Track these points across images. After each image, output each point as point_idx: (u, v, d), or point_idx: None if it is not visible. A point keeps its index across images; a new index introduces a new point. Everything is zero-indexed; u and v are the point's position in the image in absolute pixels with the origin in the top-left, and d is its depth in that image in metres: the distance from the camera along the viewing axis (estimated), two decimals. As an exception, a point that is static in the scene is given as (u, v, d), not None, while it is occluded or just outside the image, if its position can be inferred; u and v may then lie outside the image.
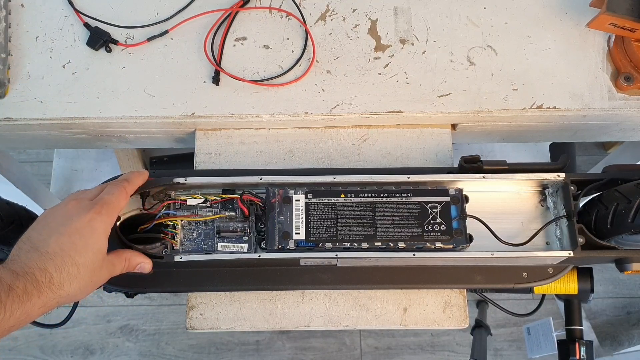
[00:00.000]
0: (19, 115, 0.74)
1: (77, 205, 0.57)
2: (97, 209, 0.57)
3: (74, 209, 0.56)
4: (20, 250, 0.54)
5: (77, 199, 0.58)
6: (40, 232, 0.55)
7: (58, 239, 0.54)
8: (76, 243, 0.54)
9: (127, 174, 0.64)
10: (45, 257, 0.52)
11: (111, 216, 0.58)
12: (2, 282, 0.49)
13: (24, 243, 0.54)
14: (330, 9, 0.80)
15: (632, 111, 0.76)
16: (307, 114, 0.75)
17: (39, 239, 0.54)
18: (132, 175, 0.63)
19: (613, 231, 0.64)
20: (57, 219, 0.56)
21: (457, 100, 0.75)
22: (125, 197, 0.60)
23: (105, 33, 0.77)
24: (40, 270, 0.51)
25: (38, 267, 0.51)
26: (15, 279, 0.50)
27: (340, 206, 0.65)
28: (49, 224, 0.55)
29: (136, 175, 0.64)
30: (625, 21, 0.71)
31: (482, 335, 1.24)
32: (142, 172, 0.65)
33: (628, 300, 1.58)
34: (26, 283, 0.50)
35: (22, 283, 0.50)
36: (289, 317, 0.71)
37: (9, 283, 0.49)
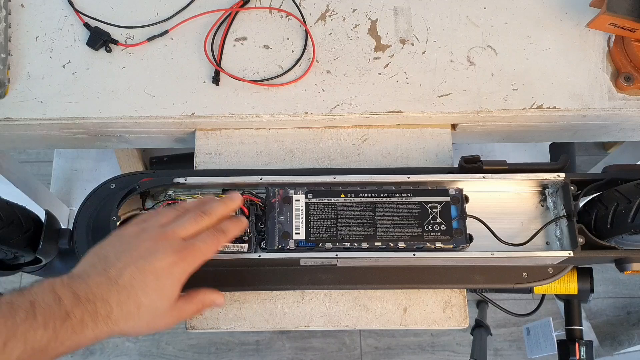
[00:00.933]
0: (19, 115, 0.74)
1: (167, 240, 0.53)
2: (184, 255, 0.53)
3: (162, 244, 0.53)
4: (92, 268, 0.51)
5: (170, 232, 0.54)
6: (119, 256, 0.52)
7: (133, 273, 0.51)
8: (148, 283, 0.51)
9: (228, 223, 0.58)
10: (113, 288, 0.50)
11: (194, 265, 0.54)
12: (61, 304, 0.47)
13: (98, 261, 0.52)
14: (330, 9, 0.80)
15: (632, 111, 0.76)
16: (307, 114, 0.75)
17: (114, 265, 0.51)
18: (232, 227, 0.58)
19: (613, 231, 0.64)
20: (141, 249, 0.52)
21: (457, 100, 0.75)
22: (216, 250, 0.56)
23: (105, 33, 0.77)
24: (103, 301, 0.49)
25: (102, 297, 0.49)
26: (76, 305, 0.47)
27: (340, 206, 0.65)
28: (131, 250, 0.52)
29: (236, 226, 0.58)
30: (625, 21, 0.71)
31: (482, 335, 1.24)
32: (242, 221, 0.60)
33: (628, 300, 1.58)
34: (84, 313, 0.47)
35: (80, 311, 0.47)
36: (289, 317, 0.71)
37: (68, 310, 0.47)
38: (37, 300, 0.46)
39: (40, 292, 0.47)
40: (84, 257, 0.54)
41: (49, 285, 0.48)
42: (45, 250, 0.69)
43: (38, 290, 0.47)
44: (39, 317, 0.45)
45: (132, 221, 0.57)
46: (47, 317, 0.46)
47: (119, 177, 0.72)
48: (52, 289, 0.48)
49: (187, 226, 0.55)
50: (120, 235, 0.55)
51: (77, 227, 0.68)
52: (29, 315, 0.45)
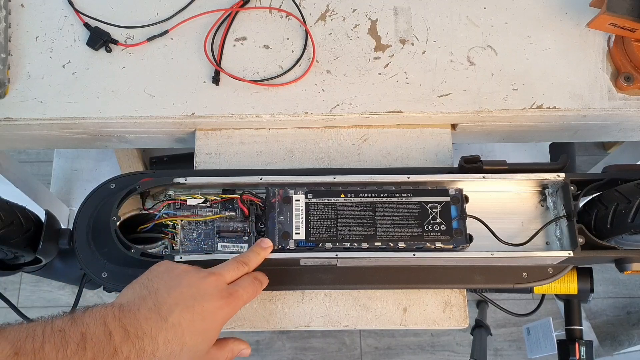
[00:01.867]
0: (19, 115, 0.74)
1: (216, 283, 0.55)
2: (230, 301, 0.55)
3: (211, 287, 0.55)
4: (142, 301, 0.51)
5: (218, 275, 0.56)
6: (170, 292, 0.53)
7: (183, 312, 0.51)
8: (196, 324, 0.52)
9: (261, 274, 0.62)
10: (162, 326, 0.50)
11: (235, 312, 0.56)
12: (111, 339, 0.47)
13: (149, 295, 0.52)
14: (330, 9, 0.80)
15: (632, 111, 0.76)
16: (307, 114, 0.75)
17: (165, 301, 0.52)
18: (265, 280, 0.62)
19: (613, 231, 0.64)
20: (193, 288, 0.53)
21: (457, 100, 0.75)
22: (253, 298, 0.59)
23: (105, 33, 0.77)
24: (151, 339, 0.49)
25: (150, 334, 0.49)
26: (125, 341, 0.47)
27: (340, 206, 0.65)
28: (183, 288, 0.53)
29: (265, 285, 0.62)
30: (625, 21, 0.71)
31: (482, 335, 1.24)
32: (266, 281, 0.63)
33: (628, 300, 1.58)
34: (131, 350, 0.48)
35: (128, 348, 0.47)
36: (289, 317, 0.71)
37: (117, 345, 0.47)
38: (88, 333, 0.47)
39: (92, 324, 0.47)
40: (130, 286, 0.55)
41: (101, 317, 0.48)
42: (45, 250, 0.69)
43: (90, 321, 0.47)
44: (88, 351, 0.46)
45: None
46: (96, 352, 0.46)
47: (119, 177, 0.72)
48: (103, 321, 0.48)
49: (230, 272, 0.58)
50: (170, 268, 0.56)
51: (77, 227, 0.68)
52: (80, 348, 0.45)
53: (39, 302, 1.55)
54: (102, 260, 0.66)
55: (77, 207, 0.81)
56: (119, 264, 0.66)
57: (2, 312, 1.51)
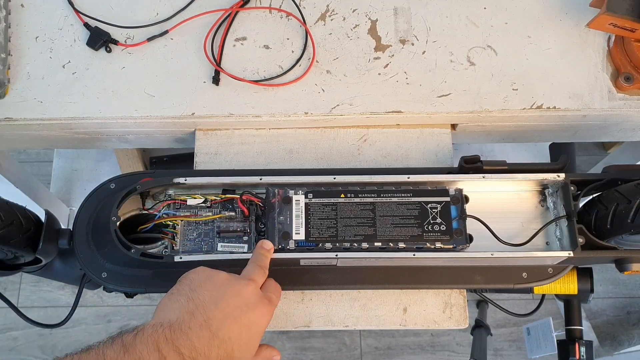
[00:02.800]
0: (19, 115, 0.74)
1: (255, 293, 0.55)
2: (270, 308, 0.55)
3: (252, 296, 0.54)
4: (191, 317, 0.50)
5: (254, 282, 0.56)
6: (217, 305, 0.52)
7: (232, 325, 0.51)
8: (243, 336, 0.52)
9: (276, 287, 0.61)
10: (214, 343, 0.50)
11: (272, 317, 0.56)
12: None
13: (196, 309, 0.51)
14: (330, 9, 0.80)
15: (632, 111, 0.76)
16: (307, 114, 0.75)
17: (215, 316, 0.51)
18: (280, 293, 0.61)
19: (613, 231, 0.64)
20: (238, 298, 0.53)
21: (457, 100, 0.75)
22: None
23: (105, 33, 0.77)
24: (204, 358, 0.48)
25: (204, 353, 0.49)
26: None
27: (340, 206, 0.65)
28: (229, 299, 0.53)
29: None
30: (625, 21, 0.71)
31: (482, 335, 1.24)
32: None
33: (628, 300, 1.58)
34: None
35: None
36: (289, 317, 0.71)
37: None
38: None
39: (145, 351, 0.47)
40: (173, 298, 0.53)
41: (153, 342, 0.47)
42: (45, 250, 0.69)
43: (143, 348, 0.47)
44: None
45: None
46: None
47: (119, 177, 0.72)
48: (156, 347, 0.47)
49: (260, 278, 0.58)
50: (210, 277, 0.55)
51: (77, 227, 0.68)
52: None
53: (39, 302, 1.55)
54: (102, 260, 0.66)
55: (77, 207, 0.81)
56: (118, 264, 0.66)
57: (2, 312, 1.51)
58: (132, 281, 0.67)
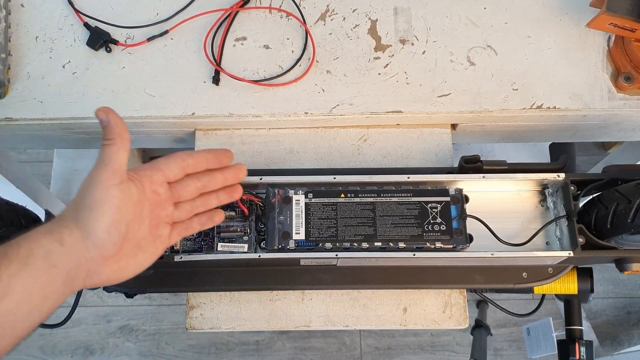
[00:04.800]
0: (19, 115, 0.74)
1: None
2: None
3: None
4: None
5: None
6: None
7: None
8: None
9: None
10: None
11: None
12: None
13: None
14: (330, 9, 0.80)
15: (632, 111, 0.76)
16: (307, 114, 0.75)
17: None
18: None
19: (613, 231, 0.64)
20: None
21: (457, 100, 0.75)
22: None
23: (105, 33, 0.77)
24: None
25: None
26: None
27: (340, 206, 0.65)
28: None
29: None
30: (625, 21, 0.71)
31: (482, 335, 1.24)
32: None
33: (628, 300, 1.58)
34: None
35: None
36: (289, 317, 0.71)
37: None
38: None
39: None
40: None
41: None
42: (45, 250, 0.68)
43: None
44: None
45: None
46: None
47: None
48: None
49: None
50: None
51: (77, 227, 0.68)
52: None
53: (39, 302, 1.55)
54: (102, 260, 0.66)
55: (77, 207, 0.80)
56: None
57: (2, 312, 1.51)
58: (132, 281, 0.66)
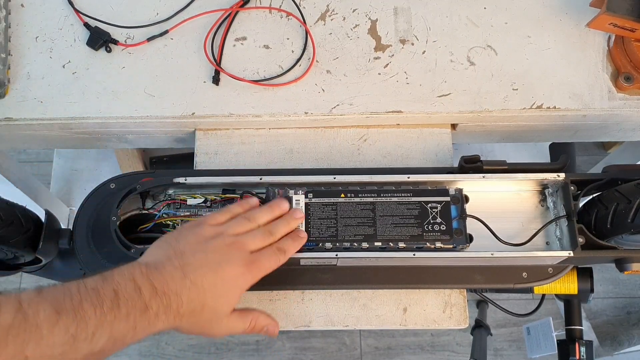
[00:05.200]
0: (19, 115, 0.74)
1: (240, 250, 0.56)
2: (252, 268, 0.56)
3: (235, 253, 0.56)
4: (168, 261, 0.53)
5: (243, 243, 0.57)
6: (195, 255, 0.54)
7: (206, 274, 0.53)
8: (217, 287, 0.53)
9: (289, 242, 0.61)
10: (186, 285, 0.51)
11: (256, 280, 0.57)
12: (141, 295, 0.48)
13: (174, 255, 0.53)
14: (330, 9, 0.80)
15: (632, 111, 0.76)
16: (307, 114, 0.75)
17: (190, 263, 0.53)
18: (291, 247, 0.61)
19: (613, 231, 0.64)
20: (217, 254, 0.55)
21: (457, 100, 0.75)
22: (275, 268, 0.59)
23: (105, 33, 0.77)
24: (176, 296, 0.50)
25: (175, 292, 0.51)
26: (153, 297, 0.49)
27: (340, 206, 0.65)
28: (207, 252, 0.55)
29: (295, 245, 0.61)
30: (625, 21, 0.71)
31: (482, 335, 1.24)
32: (301, 238, 0.62)
33: (628, 300, 1.58)
34: (160, 306, 0.49)
35: (156, 304, 0.49)
36: (289, 317, 0.71)
37: (146, 301, 0.48)
38: (120, 290, 0.48)
39: (122, 281, 0.49)
40: (156, 245, 0.56)
41: (129, 273, 0.50)
42: (45, 250, 0.69)
43: (120, 279, 0.49)
44: (122, 307, 0.47)
45: (205, 219, 0.59)
46: (129, 308, 0.47)
47: (119, 177, 0.72)
48: (132, 278, 0.49)
49: (256, 241, 0.59)
50: (197, 234, 0.57)
51: (77, 227, 0.68)
52: (114, 305, 0.47)
53: (39, 302, 1.55)
54: (102, 260, 0.66)
55: (77, 207, 0.81)
56: (119, 264, 0.66)
57: (2, 312, 1.51)
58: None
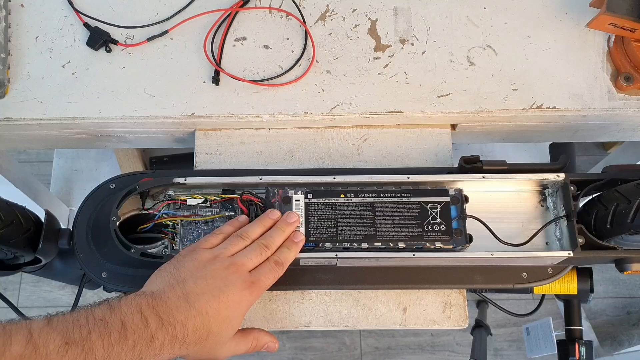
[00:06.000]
0: (19, 115, 0.74)
1: (239, 273, 0.57)
2: (253, 289, 0.57)
3: (234, 276, 0.56)
4: (171, 290, 0.54)
5: (240, 264, 0.57)
6: (197, 283, 0.55)
7: (209, 301, 0.54)
8: (221, 313, 0.54)
9: (285, 252, 0.61)
10: (191, 314, 0.52)
11: (257, 297, 0.58)
12: (148, 326, 0.49)
13: (176, 284, 0.54)
14: (330, 9, 0.80)
15: (632, 111, 0.76)
16: (307, 114, 0.75)
17: (193, 290, 0.54)
18: (288, 256, 0.61)
19: (613, 231, 0.64)
20: (217, 279, 0.55)
21: (457, 100, 0.75)
22: (274, 282, 0.60)
23: (105, 33, 0.77)
24: (182, 326, 0.51)
25: (181, 322, 0.51)
26: (160, 328, 0.50)
27: (340, 206, 0.65)
28: (207, 278, 0.55)
29: (291, 254, 0.62)
30: (625, 21, 0.71)
31: (482, 335, 1.24)
32: (297, 244, 0.62)
33: (628, 300, 1.58)
34: (166, 336, 0.50)
35: (162, 335, 0.50)
36: (289, 317, 0.71)
37: (153, 332, 0.49)
38: (127, 321, 0.49)
39: (129, 312, 0.50)
40: (157, 274, 0.57)
41: (136, 304, 0.51)
42: (45, 250, 0.69)
43: (127, 310, 0.50)
44: (129, 339, 0.48)
45: (199, 244, 0.60)
46: (136, 339, 0.48)
47: (119, 177, 0.72)
48: (139, 309, 0.50)
49: (252, 259, 0.59)
50: (194, 259, 0.57)
51: (77, 227, 0.68)
52: (122, 336, 0.48)
53: (39, 302, 1.55)
54: (102, 260, 0.66)
55: (77, 207, 0.81)
56: (118, 264, 0.66)
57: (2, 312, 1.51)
58: (132, 281, 0.66)
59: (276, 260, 0.60)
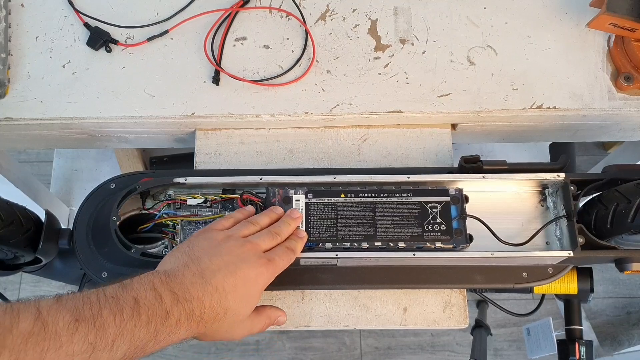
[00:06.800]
0: (19, 115, 0.74)
1: (254, 251, 0.57)
2: (269, 266, 0.57)
3: (250, 254, 0.56)
4: (186, 268, 0.53)
5: (254, 244, 0.57)
6: (212, 260, 0.54)
7: (226, 277, 0.53)
8: (238, 289, 0.53)
9: (294, 241, 0.61)
10: (207, 290, 0.52)
11: (273, 278, 0.57)
12: (162, 302, 0.48)
13: (191, 262, 0.54)
14: (330, 9, 0.80)
15: (632, 111, 0.76)
16: (307, 114, 0.75)
17: (208, 267, 0.53)
18: (298, 245, 0.61)
19: (613, 231, 0.64)
20: (232, 256, 0.55)
21: (457, 100, 0.75)
22: (287, 266, 0.60)
23: (105, 33, 0.77)
24: (198, 302, 0.51)
25: (198, 298, 0.51)
26: (175, 304, 0.49)
27: (340, 206, 0.65)
28: (222, 254, 0.55)
29: (300, 244, 0.62)
30: (625, 21, 0.71)
31: (482, 335, 1.24)
32: (302, 238, 0.62)
33: (628, 300, 1.58)
34: (182, 312, 0.49)
35: (178, 311, 0.49)
36: (289, 317, 0.71)
37: (168, 308, 0.48)
38: (140, 298, 0.48)
39: (142, 289, 0.49)
40: (171, 254, 0.56)
41: (149, 282, 0.50)
42: (45, 250, 0.69)
43: (139, 287, 0.49)
44: (143, 315, 0.47)
45: (211, 226, 0.60)
46: (150, 315, 0.47)
47: (119, 177, 0.72)
48: (152, 286, 0.49)
49: (266, 242, 0.59)
50: (208, 238, 0.57)
51: (77, 227, 0.68)
52: (134, 312, 0.47)
53: (39, 302, 1.54)
54: (102, 260, 0.66)
55: (77, 207, 0.81)
56: (119, 264, 0.66)
57: (2, 312, 1.51)
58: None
59: (288, 246, 0.61)
